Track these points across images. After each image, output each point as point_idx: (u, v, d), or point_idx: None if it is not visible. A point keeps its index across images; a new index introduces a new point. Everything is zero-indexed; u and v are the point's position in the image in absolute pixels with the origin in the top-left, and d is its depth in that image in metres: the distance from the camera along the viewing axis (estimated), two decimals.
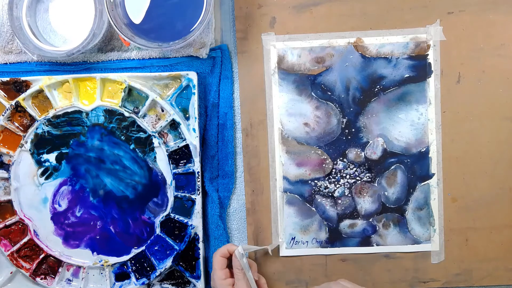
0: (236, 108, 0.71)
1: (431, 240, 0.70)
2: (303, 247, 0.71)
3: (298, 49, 0.69)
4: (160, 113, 0.69)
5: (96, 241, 0.70)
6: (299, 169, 0.70)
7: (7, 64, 0.70)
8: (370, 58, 0.69)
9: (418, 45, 0.68)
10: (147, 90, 0.67)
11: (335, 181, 0.70)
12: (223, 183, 0.71)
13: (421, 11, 0.68)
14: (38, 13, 0.68)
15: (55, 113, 0.69)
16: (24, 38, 0.66)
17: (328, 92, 0.69)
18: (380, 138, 0.70)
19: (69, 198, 0.70)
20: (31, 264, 0.71)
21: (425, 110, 0.69)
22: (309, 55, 0.69)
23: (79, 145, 0.69)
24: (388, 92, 0.69)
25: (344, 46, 0.69)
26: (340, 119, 0.69)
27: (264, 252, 0.71)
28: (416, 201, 0.70)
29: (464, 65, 0.68)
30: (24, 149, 0.69)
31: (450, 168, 0.70)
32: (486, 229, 0.70)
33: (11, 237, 0.71)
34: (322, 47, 0.69)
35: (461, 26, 0.68)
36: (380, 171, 0.70)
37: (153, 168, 0.69)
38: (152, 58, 0.69)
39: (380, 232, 0.70)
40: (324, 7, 0.69)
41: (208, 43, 0.68)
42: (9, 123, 0.69)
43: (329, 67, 0.69)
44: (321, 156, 0.70)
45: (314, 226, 0.71)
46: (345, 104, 0.69)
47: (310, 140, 0.70)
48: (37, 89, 0.68)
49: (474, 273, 0.71)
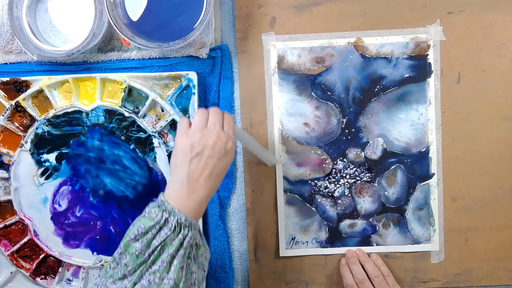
0: (236, 108, 0.71)
1: (431, 240, 0.70)
2: (303, 247, 0.71)
3: (298, 49, 0.69)
4: (160, 113, 0.68)
5: (96, 241, 0.70)
6: (299, 169, 0.70)
7: (7, 64, 0.70)
8: (370, 58, 0.68)
9: (418, 45, 0.68)
10: (147, 90, 0.67)
11: (335, 181, 0.70)
12: (223, 183, 0.70)
13: (421, 11, 0.68)
14: (38, 13, 0.68)
15: (55, 113, 0.69)
16: (24, 38, 0.66)
17: (328, 92, 0.69)
18: (380, 138, 0.70)
19: (69, 198, 0.70)
20: (31, 264, 0.71)
21: (425, 110, 0.69)
22: (309, 55, 0.69)
23: (79, 145, 0.69)
24: (388, 92, 0.69)
25: (344, 46, 0.68)
26: (340, 119, 0.69)
27: (264, 252, 0.71)
28: (416, 201, 0.70)
29: (464, 65, 0.68)
30: (24, 149, 0.69)
31: (450, 168, 0.70)
32: (486, 229, 0.70)
33: (11, 237, 0.71)
34: (322, 47, 0.69)
35: (461, 26, 0.68)
36: (380, 171, 0.70)
37: (153, 168, 0.69)
38: (152, 58, 0.69)
39: (380, 232, 0.71)
40: (324, 7, 0.69)
41: (208, 43, 0.68)
42: (9, 123, 0.69)
43: (329, 67, 0.69)
44: (321, 156, 0.70)
45: (314, 226, 0.70)
46: (345, 104, 0.69)
47: (310, 140, 0.70)
48: (37, 89, 0.68)
49: (474, 273, 0.71)
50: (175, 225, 0.53)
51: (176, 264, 0.53)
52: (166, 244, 0.53)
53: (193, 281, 0.55)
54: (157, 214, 0.54)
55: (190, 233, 0.54)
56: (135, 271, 0.52)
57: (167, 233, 0.53)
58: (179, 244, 0.53)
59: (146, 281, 0.52)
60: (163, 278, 0.52)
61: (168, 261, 0.53)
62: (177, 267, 0.53)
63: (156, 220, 0.53)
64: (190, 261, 0.55)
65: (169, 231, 0.53)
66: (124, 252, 0.53)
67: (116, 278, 0.52)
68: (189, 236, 0.54)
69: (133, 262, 0.52)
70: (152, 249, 0.53)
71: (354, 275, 0.68)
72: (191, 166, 0.55)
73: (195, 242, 0.55)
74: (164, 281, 0.52)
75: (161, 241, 0.53)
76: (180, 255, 0.53)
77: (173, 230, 0.53)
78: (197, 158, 0.55)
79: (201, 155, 0.56)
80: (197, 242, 0.56)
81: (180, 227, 0.54)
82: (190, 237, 0.54)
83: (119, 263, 0.53)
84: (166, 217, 0.54)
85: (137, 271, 0.52)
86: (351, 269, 0.68)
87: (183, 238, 0.54)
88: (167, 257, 0.53)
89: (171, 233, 0.53)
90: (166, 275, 0.52)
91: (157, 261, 0.53)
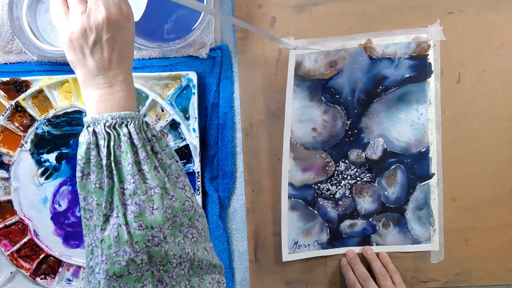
0: (236, 108, 0.71)
1: (431, 240, 0.70)
2: (305, 250, 0.70)
3: (315, 54, 0.68)
4: (160, 113, 0.68)
5: None
6: (304, 174, 0.70)
7: (7, 64, 0.70)
8: (376, 59, 0.68)
9: (419, 45, 0.68)
10: (147, 90, 0.67)
11: (337, 182, 0.70)
12: (223, 183, 0.71)
13: (421, 11, 0.68)
14: (38, 13, 0.68)
15: (55, 113, 0.69)
16: (24, 38, 0.66)
17: (336, 95, 0.69)
18: (381, 138, 0.69)
19: (69, 198, 0.70)
20: (31, 264, 0.71)
21: (425, 110, 0.69)
22: (324, 59, 0.68)
23: None
24: (389, 93, 0.69)
25: (355, 48, 0.68)
26: (345, 121, 0.69)
27: (264, 252, 0.71)
28: (416, 201, 0.70)
29: (464, 65, 0.68)
30: (24, 149, 0.69)
31: (450, 168, 0.70)
32: (486, 229, 0.70)
33: (11, 237, 0.71)
34: (337, 50, 0.68)
35: (461, 26, 0.68)
36: (380, 171, 0.70)
37: None
38: (152, 58, 0.69)
39: (380, 232, 0.71)
40: (324, 7, 0.68)
41: (208, 43, 0.68)
42: (9, 123, 0.69)
43: (340, 70, 0.68)
44: (325, 159, 0.70)
45: (316, 229, 0.70)
46: (350, 106, 0.69)
47: (316, 144, 0.70)
48: (37, 89, 0.68)
49: (474, 273, 0.71)
50: (106, 130, 0.45)
51: (147, 169, 0.46)
52: (116, 155, 0.45)
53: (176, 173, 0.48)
54: (84, 135, 0.46)
55: (131, 128, 0.46)
56: (111, 203, 0.45)
57: (106, 144, 0.45)
58: (130, 146, 0.46)
59: (133, 204, 0.45)
60: (146, 191, 0.45)
61: (136, 171, 0.45)
62: (151, 171, 0.46)
63: (86, 140, 0.46)
64: (160, 155, 0.48)
65: (105, 140, 0.45)
66: (85, 195, 0.46)
67: (101, 223, 0.45)
68: (132, 132, 0.46)
69: (101, 196, 0.45)
70: (107, 169, 0.45)
71: (357, 275, 0.68)
72: (95, 58, 0.46)
73: (148, 134, 0.48)
74: (150, 192, 0.45)
75: (107, 154, 0.45)
76: (143, 157, 0.46)
77: (108, 138, 0.45)
78: (97, 46, 0.46)
79: (100, 40, 0.46)
80: (153, 133, 0.48)
81: (114, 129, 0.46)
82: (135, 130, 0.46)
83: (91, 209, 0.46)
84: (92, 130, 0.46)
85: (115, 201, 0.45)
86: (353, 269, 0.68)
87: (128, 137, 0.46)
88: (131, 167, 0.45)
89: (110, 141, 0.45)
90: (146, 185, 0.45)
91: (124, 177, 0.45)
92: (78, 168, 0.46)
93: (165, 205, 0.45)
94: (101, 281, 0.44)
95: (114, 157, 0.45)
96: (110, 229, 0.45)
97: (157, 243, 0.45)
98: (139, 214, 0.44)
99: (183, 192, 0.48)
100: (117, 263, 0.44)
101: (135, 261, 0.44)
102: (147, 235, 0.44)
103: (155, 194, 0.45)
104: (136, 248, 0.44)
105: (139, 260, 0.44)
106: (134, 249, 0.44)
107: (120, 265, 0.44)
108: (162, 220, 0.45)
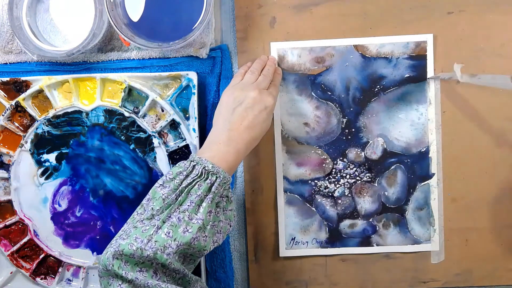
0: None
1: (431, 240, 0.70)
2: (303, 247, 0.71)
3: (298, 49, 0.69)
4: (160, 113, 0.69)
5: (96, 241, 0.70)
6: (299, 169, 0.70)
7: (7, 64, 0.70)
8: (371, 58, 0.68)
9: (418, 45, 0.68)
10: (147, 90, 0.67)
11: (335, 181, 0.70)
12: None
13: (421, 11, 0.68)
14: (38, 13, 0.68)
15: (55, 113, 0.69)
16: (24, 38, 0.66)
17: (328, 92, 0.69)
18: (380, 138, 0.70)
19: (69, 198, 0.70)
20: (31, 264, 0.71)
21: (425, 110, 0.69)
22: (309, 55, 0.69)
23: (79, 145, 0.69)
24: (388, 92, 0.69)
25: (345, 46, 0.68)
26: (340, 119, 0.69)
27: (264, 252, 0.71)
28: (416, 201, 0.70)
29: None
30: (24, 149, 0.69)
31: (450, 168, 0.70)
32: (486, 229, 0.70)
33: (11, 237, 0.71)
34: (322, 47, 0.69)
35: (461, 26, 0.68)
36: (380, 171, 0.70)
37: (153, 168, 0.69)
38: (152, 58, 0.69)
39: (380, 232, 0.70)
40: (324, 7, 0.69)
41: (208, 43, 0.68)
42: (9, 123, 0.69)
43: (329, 67, 0.69)
44: (321, 156, 0.70)
45: (314, 226, 0.70)
46: (345, 104, 0.69)
47: (310, 140, 0.70)
48: (37, 89, 0.68)
49: (474, 273, 0.71)
50: (201, 171, 0.55)
51: (204, 207, 0.54)
52: (193, 187, 0.55)
53: (219, 229, 0.57)
54: (185, 164, 0.57)
55: (218, 180, 0.55)
56: (163, 211, 0.54)
57: (194, 177, 0.55)
58: (207, 189, 0.55)
59: (175, 218, 0.53)
60: (191, 218, 0.54)
61: (197, 202, 0.54)
62: (205, 209, 0.54)
63: (184, 168, 0.56)
64: (219, 210, 0.57)
65: (196, 176, 0.55)
66: (151, 198, 0.55)
67: (144, 218, 0.54)
68: (217, 183, 0.55)
69: (160, 205, 0.54)
70: (180, 191, 0.55)
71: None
72: (234, 114, 0.59)
73: (224, 193, 0.57)
74: (193, 221, 0.54)
75: (188, 183, 0.55)
76: (208, 199, 0.55)
77: (199, 175, 0.55)
78: (239, 107, 0.59)
79: (242, 104, 0.59)
80: (227, 195, 0.58)
81: (207, 173, 0.55)
82: (219, 184, 0.55)
83: (146, 209, 0.55)
84: (193, 165, 0.56)
85: (165, 211, 0.54)
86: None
87: (211, 184, 0.55)
88: (196, 198, 0.54)
89: (197, 178, 0.55)
90: (194, 215, 0.54)
91: (185, 201, 0.55)
92: (163, 178, 0.56)
93: (197, 235, 0.53)
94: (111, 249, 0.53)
95: (191, 187, 0.55)
96: (146, 224, 0.54)
97: (167, 253, 0.52)
98: (175, 225, 0.53)
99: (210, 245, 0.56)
100: (130, 245, 0.52)
101: (143, 252, 0.51)
102: (166, 242, 0.52)
103: (196, 223, 0.54)
104: (151, 245, 0.52)
105: (146, 254, 0.52)
106: (149, 244, 0.52)
107: (131, 248, 0.52)
108: (186, 242, 0.53)
